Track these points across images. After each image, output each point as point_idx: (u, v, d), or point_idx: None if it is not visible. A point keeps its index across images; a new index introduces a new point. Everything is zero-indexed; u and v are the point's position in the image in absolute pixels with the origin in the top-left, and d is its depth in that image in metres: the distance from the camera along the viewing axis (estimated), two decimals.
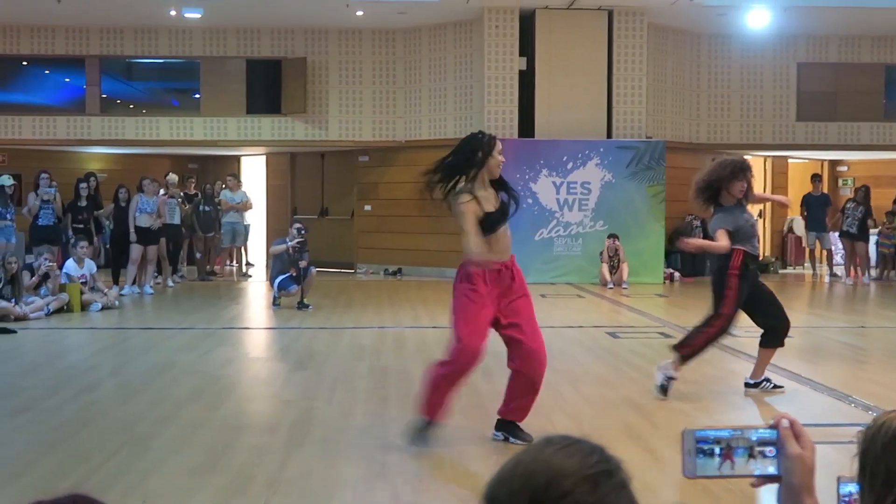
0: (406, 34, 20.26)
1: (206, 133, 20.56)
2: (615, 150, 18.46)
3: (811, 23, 19.84)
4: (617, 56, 18.79)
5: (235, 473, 5.70)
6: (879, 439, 2.54)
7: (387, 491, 5.42)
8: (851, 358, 10.24)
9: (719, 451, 1.73)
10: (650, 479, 5.38)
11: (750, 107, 20.99)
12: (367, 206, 20.99)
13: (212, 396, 7.96)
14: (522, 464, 1.52)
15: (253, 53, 20.55)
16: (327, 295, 15.59)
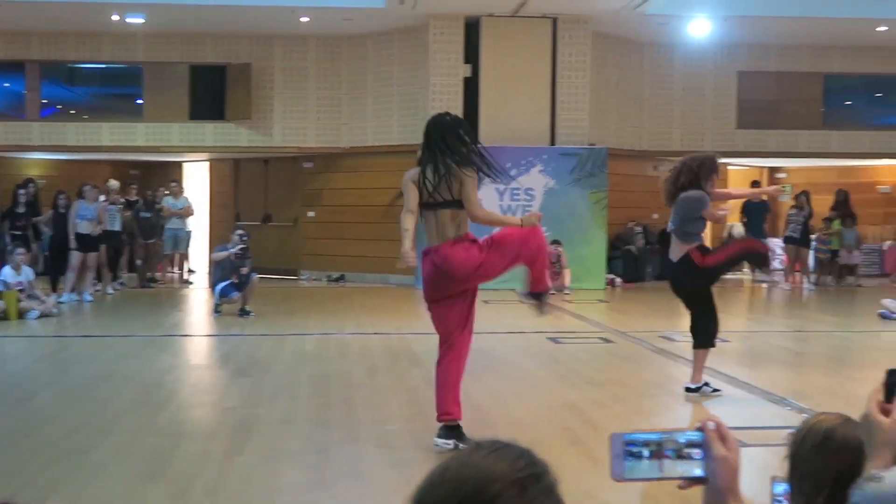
0: (351, 41, 20.23)
1: (148, 139, 20.37)
2: (558, 157, 18.57)
3: (751, 32, 20.12)
4: (561, 64, 18.92)
5: (175, 481, 5.65)
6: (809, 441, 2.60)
7: (328, 499, 5.41)
8: (789, 362, 10.40)
9: (648, 453, 1.75)
10: (590, 483, 5.42)
11: (691, 114, 21.23)
12: (311, 213, 20.92)
13: (152, 404, 7.88)
14: (451, 469, 1.53)
15: (197, 59, 20.39)
16: (270, 302, 15.51)
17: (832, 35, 20.31)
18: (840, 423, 2.60)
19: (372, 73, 20.04)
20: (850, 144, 21.58)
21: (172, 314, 15.09)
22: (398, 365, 9.83)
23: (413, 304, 16.28)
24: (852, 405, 7.06)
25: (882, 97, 22.69)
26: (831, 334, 12.80)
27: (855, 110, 22.76)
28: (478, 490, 1.48)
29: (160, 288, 18.82)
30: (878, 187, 23.14)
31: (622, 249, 19.76)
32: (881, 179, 23.20)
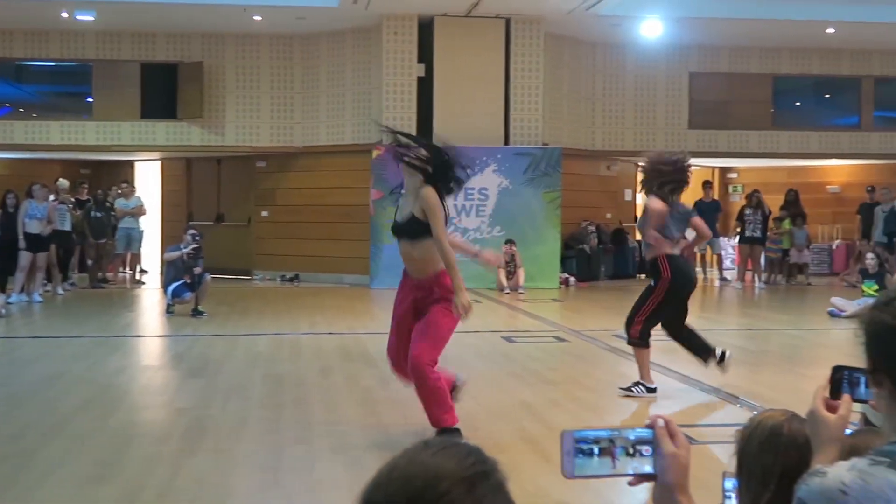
0: (304, 40, 20.15)
1: (98, 138, 20.15)
2: (512, 157, 18.63)
3: (702, 34, 20.31)
4: (514, 64, 18.97)
5: (125, 484, 5.59)
6: (756, 438, 2.62)
7: (281, 500, 5.38)
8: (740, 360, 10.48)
9: (598, 450, 1.76)
10: (543, 481, 5.43)
11: (644, 115, 21.38)
12: (265, 212, 20.81)
13: (102, 406, 7.80)
14: (399, 467, 1.52)
15: (148, 57, 20.20)
16: (223, 302, 15.40)
17: (782, 37, 20.55)
18: (786, 420, 2.62)
19: (325, 73, 19.97)
20: (799, 145, 21.86)
21: (124, 315, 14.94)
22: (352, 365, 9.80)
23: (367, 303, 16.26)
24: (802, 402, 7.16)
25: (830, 98, 23.00)
26: (782, 332, 12.95)
27: (804, 111, 23.05)
28: (426, 487, 1.48)
29: (111, 288, 18.62)
30: (827, 187, 23.45)
31: (576, 249, 19.85)
32: (830, 179, 23.52)
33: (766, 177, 23.39)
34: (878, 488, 1.71)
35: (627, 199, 22.41)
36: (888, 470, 1.72)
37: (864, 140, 22.03)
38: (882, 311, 1.82)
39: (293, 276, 19.92)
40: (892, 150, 22.02)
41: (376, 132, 18.79)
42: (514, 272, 17.83)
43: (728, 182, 24.59)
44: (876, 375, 1.83)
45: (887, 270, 15.76)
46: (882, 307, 1.83)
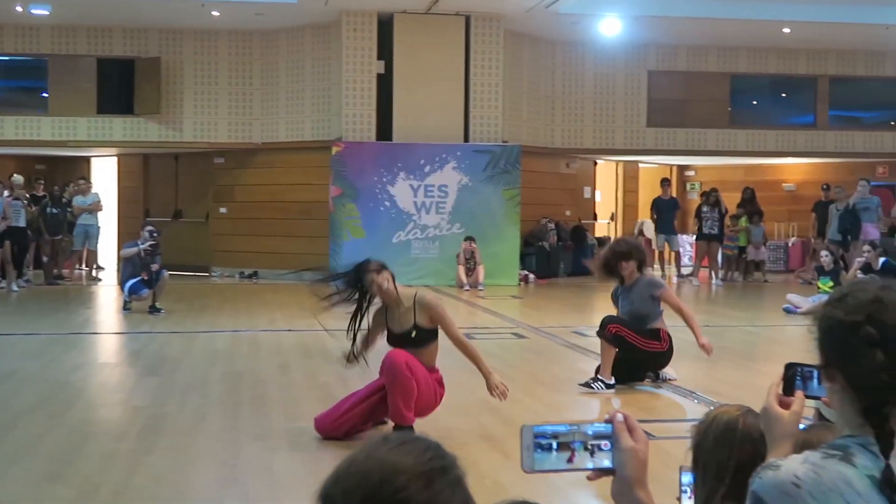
0: (263, 36, 20.04)
1: (54, 133, 19.92)
2: (472, 154, 18.65)
3: (661, 32, 20.44)
4: (474, 61, 18.99)
5: (81, 482, 5.53)
6: (711, 433, 2.64)
7: (238, 497, 5.35)
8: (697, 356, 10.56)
9: (556, 445, 1.77)
10: (502, 477, 5.45)
11: (603, 113, 21.48)
12: (223, 209, 20.67)
13: (57, 404, 7.71)
14: (357, 462, 1.52)
15: (104, 52, 20.00)
16: (181, 298, 15.29)
17: (739, 36, 20.73)
18: (741, 415, 2.65)
19: (284, 69, 19.88)
20: (755, 143, 22.07)
21: (80, 311, 14.79)
22: (311, 362, 9.77)
23: None
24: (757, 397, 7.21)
25: (787, 97, 23.23)
26: (738, 328, 13.06)
27: (761, 110, 23.27)
28: (383, 483, 1.48)
29: (67, 285, 18.43)
30: (783, 185, 23.69)
31: (535, 246, 19.92)
32: (786, 177, 23.76)
33: (723, 175, 23.59)
34: (830, 481, 1.73)
35: (587, 196, 22.52)
36: (840, 463, 1.74)
37: (819, 139, 22.27)
38: (834, 308, 1.84)
39: (252, 273, 19.82)
40: (846, 149, 22.30)
41: (336, 128, 18.76)
42: (473, 269, 17.85)
43: (686, 180, 24.77)
44: (828, 371, 1.85)
45: (842, 268, 15.95)
46: (835, 303, 1.85)
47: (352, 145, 18.35)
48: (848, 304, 1.83)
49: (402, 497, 1.48)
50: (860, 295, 1.83)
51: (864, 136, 22.50)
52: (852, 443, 1.78)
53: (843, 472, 1.73)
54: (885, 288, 1.85)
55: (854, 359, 1.79)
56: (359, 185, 18.33)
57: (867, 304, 1.81)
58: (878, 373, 1.77)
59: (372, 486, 1.49)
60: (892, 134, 22.59)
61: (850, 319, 1.80)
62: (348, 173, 18.34)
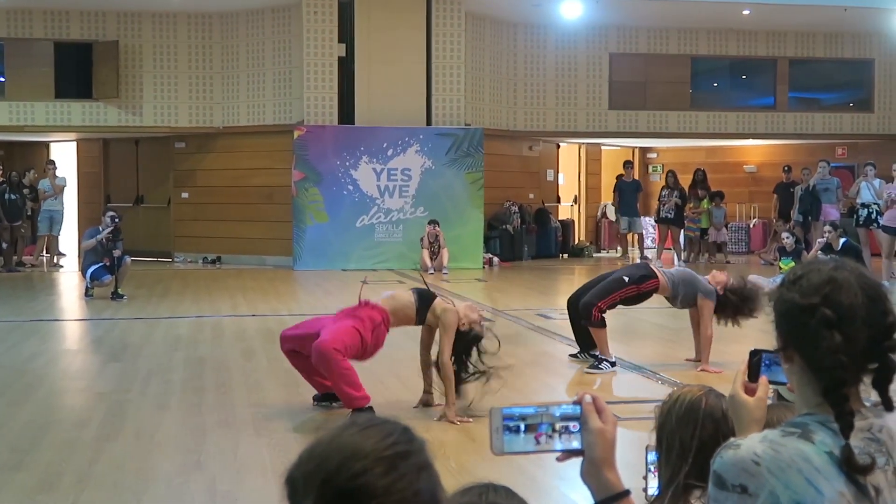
0: (223, 18, 19.87)
1: (11, 118, 19.65)
2: (434, 137, 18.62)
3: (622, 15, 20.48)
4: (436, 44, 18.95)
5: (42, 470, 5.49)
6: (674, 413, 2.67)
7: (202, 483, 5.32)
8: (660, 337, 10.65)
9: (524, 427, 1.77)
10: (466, 459, 5.46)
11: (565, 95, 21.51)
12: (185, 194, 20.52)
13: (17, 392, 7.63)
14: (320, 445, 1.52)
15: (61, 36, 19.74)
16: (143, 284, 15.18)
17: (699, 18, 20.83)
18: (703, 395, 2.68)
19: (244, 52, 19.73)
20: (716, 125, 22.20)
21: (41, 298, 14.64)
22: (275, 347, 9.66)
23: (290, 285, 16.15)
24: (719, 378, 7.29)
25: (746, 79, 23.36)
26: None
27: (721, 92, 23.40)
28: (341, 467, 1.48)
29: (28, 272, 18.23)
30: (743, 167, 23.85)
31: (499, 229, 19.93)
32: (747, 159, 23.92)
33: (684, 157, 23.72)
34: (788, 457, 1.75)
35: (549, 179, 22.55)
36: (798, 440, 1.76)
37: (779, 120, 22.44)
38: (790, 290, 1.85)
39: (215, 259, 19.70)
40: (806, 131, 22.47)
41: (298, 112, 18.66)
42: (437, 253, 17.84)
43: (648, 162, 24.87)
44: (787, 352, 1.87)
45: (804, 248, 16.09)
46: (790, 286, 1.86)
47: (314, 129, 18.26)
48: (803, 286, 1.83)
49: (362, 482, 1.47)
50: (814, 276, 1.84)
51: (822, 117, 22.69)
52: (811, 420, 1.80)
53: (801, 449, 1.75)
54: (838, 268, 1.85)
55: (812, 340, 1.80)
56: (321, 170, 18.25)
57: (822, 286, 1.82)
58: (836, 353, 1.78)
59: (330, 470, 1.48)
60: (851, 115, 22.80)
61: (806, 302, 1.81)
62: (310, 157, 18.25)
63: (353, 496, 1.47)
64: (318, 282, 16.16)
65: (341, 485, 1.47)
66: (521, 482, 5.11)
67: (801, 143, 22.75)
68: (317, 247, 18.17)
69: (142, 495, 5.12)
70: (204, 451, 5.94)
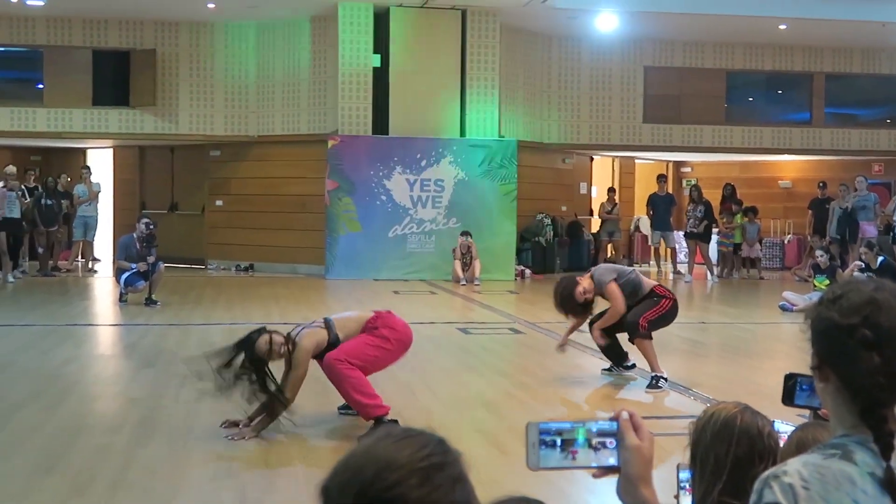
0: (259, 28, 20.00)
1: (49, 125, 19.87)
2: (468, 149, 18.63)
3: (657, 28, 20.42)
4: (470, 56, 18.97)
5: (75, 475, 5.52)
6: (709, 429, 2.65)
7: (233, 490, 5.34)
8: (692, 352, 10.59)
9: (561, 442, 1.76)
10: (497, 473, 5.44)
11: (599, 108, 21.47)
12: (219, 202, 20.65)
13: (51, 396, 7.69)
14: (355, 456, 1.52)
15: (100, 44, 19.94)
16: (176, 291, 15.27)
17: (735, 32, 20.73)
18: (739, 411, 2.66)
19: (280, 62, 19.84)
20: (751, 140, 22.08)
21: (75, 303, 14.76)
22: None
23: (322, 293, 16.20)
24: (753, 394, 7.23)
25: (782, 94, 23.24)
26: (734, 325, 13.07)
27: (756, 106, 23.28)
28: (376, 477, 1.47)
29: (63, 276, 18.40)
30: (778, 182, 23.70)
31: (531, 241, 19.91)
32: (782, 175, 23.77)
33: (718, 171, 23.60)
34: (834, 480, 1.72)
35: (583, 192, 22.51)
36: (841, 462, 1.74)
37: (815, 136, 22.28)
38: (829, 309, 1.83)
39: (248, 266, 19.80)
40: (842, 147, 22.32)
41: (332, 122, 18.73)
42: (469, 264, 17.84)
43: (682, 176, 24.77)
44: (822, 371, 1.84)
45: (838, 266, 15.96)
46: (829, 304, 1.84)
47: (348, 139, 18.32)
48: (843, 305, 1.81)
49: (396, 493, 1.47)
50: (854, 296, 1.82)
51: (859, 133, 22.52)
52: (849, 441, 1.77)
53: (845, 471, 1.73)
54: (878, 289, 1.83)
55: (850, 361, 1.78)
56: (355, 179, 18.31)
57: (862, 306, 1.80)
58: (875, 375, 1.76)
59: (365, 481, 1.48)
60: (888, 131, 22.62)
61: (845, 322, 1.79)
62: (344, 167, 18.31)
63: None
64: (350, 291, 16.20)
65: (376, 495, 1.47)
66: (552, 496, 5.09)
67: (837, 159, 22.58)
68: (349, 256, 18.22)
69: (172, 501, 5.14)
70: (235, 458, 5.95)
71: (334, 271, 18.18)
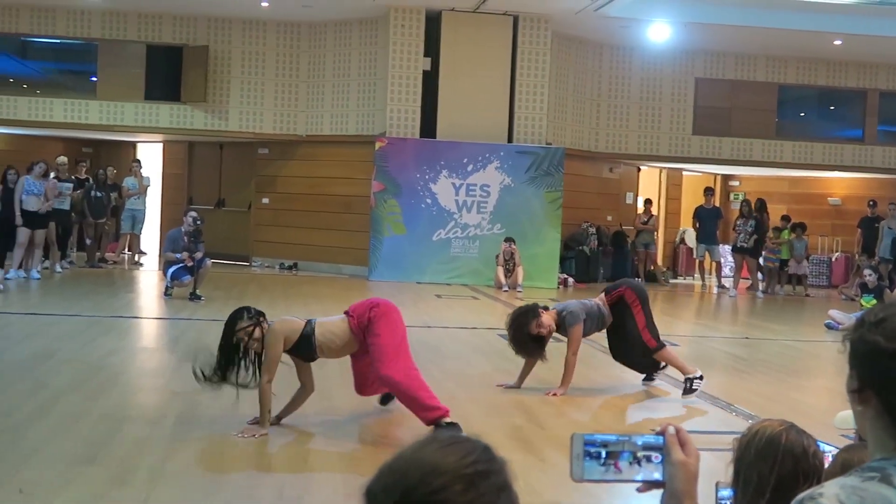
0: (311, 28, 20.12)
1: (101, 117, 20.10)
2: (515, 155, 18.61)
3: (710, 39, 20.29)
4: (520, 62, 18.95)
5: (116, 465, 5.57)
6: (753, 447, 2.62)
7: (271, 488, 5.35)
8: (735, 368, 10.49)
9: (605, 455, 1.75)
10: (535, 481, 5.42)
11: (648, 118, 21.37)
12: (265, 199, 20.78)
13: (94, 386, 7.76)
14: (401, 459, 1.51)
15: (154, 39, 20.16)
16: (220, 287, 15.38)
17: (789, 46, 20.54)
18: (784, 430, 2.63)
19: (330, 62, 19.94)
20: (802, 155, 21.86)
21: (121, 295, 14.91)
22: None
23: (365, 294, 16.22)
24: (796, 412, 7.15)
25: (834, 110, 22.99)
26: (778, 342, 12.92)
27: (808, 122, 23.05)
28: (422, 482, 1.47)
29: (110, 268, 18.59)
30: (828, 199, 23.44)
31: (575, 250, 19.85)
32: (832, 192, 23.51)
33: (767, 186, 23.39)
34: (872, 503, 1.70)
35: (628, 202, 22.40)
36: (880, 485, 1.71)
37: (867, 153, 22.02)
38: (871, 332, 1.78)
39: (292, 265, 19.90)
40: (894, 165, 22.03)
41: (380, 124, 18.79)
42: (512, 270, 17.81)
43: (730, 189, 24.57)
44: (863, 394, 1.80)
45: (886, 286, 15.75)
46: (871, 327, 1.79)
47: (395, 141, 18.37)
48: (887, 329, 1.77)
49: (440, 498, 1.46)
50: None
51: None
52: (889, 464, 1.75)
53: (884, 494, 1.70)
54: None
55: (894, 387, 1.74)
56: (401, 182, 18.35)
57: None
58: None
59: (410, 485, 1.48)
60: None
61: (891, 347, 1.76)
62: (391, 169, 18.36)
63: None
64: (392, 293, 16.21)
65: (420, 500, 1.46)
66: None
67: (889, 178, 22.29)
68: (392, 258, 18.26)
69: (211, 496, 5.17)
70: (274, 455, 5.98)
71: (377, 273, 18.23)
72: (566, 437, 1.79)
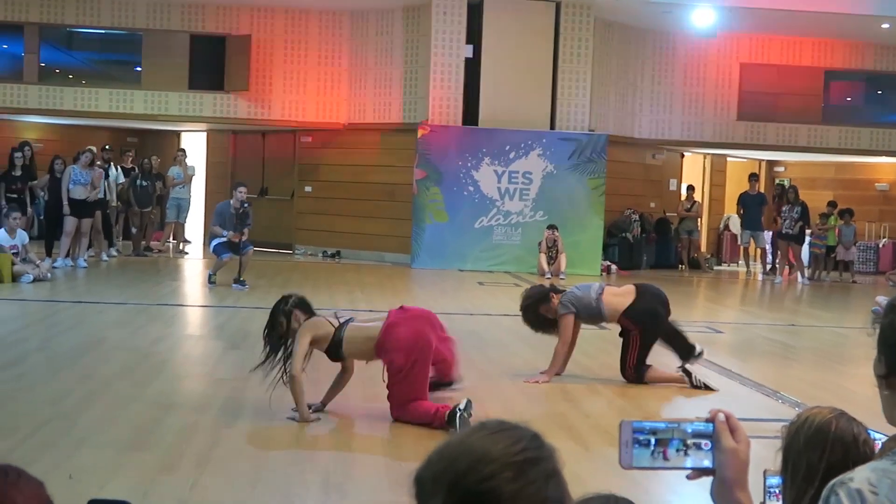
0: (353, 16, 20.14)
1: (146, 107, 20.27)
2: (557, 142, 18.54)
3: (755, 24, 20.07)
4: (563, 49, 18.86)
5: (164, 451, 5.63)
6: (802, 434, 2.59)
7: (316, 474, 5.39)
8: (780, 355, 10.41)
9: (654, 442, 1.74)
10: (580, 468, 5.41)
11: (692, 104, 21.19)
12: (308, 188, 20.87)
13: (142, 373, 7.85)
14: (450, 446, 1.52)
15: (197, 28, 20.29)
16: (263, 275, 15.48)
17: (835, 30, 20.27)
18: (834, 417, 2.60)
19: (373, 50, 19.95)
20: (848, 140, 21.58)
21: (166, 283, 15.05)
22: None
23: (407, 282, 16.28)
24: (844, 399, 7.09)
25: (882, 94, 22.67)
26: (825, 329, 12.80)
27: (855, 107, 22.75)
28: (470, 469, 1.47)
29: (155, 257, 18.77)
30: (875, 185, 23.14)
31: (618, 237, 19.76)
32: (879, 177, 23.21)
33: (813, 172, 23.13)
34: None
35: (672, 188, 22.25)
36: None
37: None
38: None
39: (335, 253, 19.98)
40: None
41: (422, 111, 18.78)
42: (555, 258, 17.77)
43: (775, 175, 24.32)
44: (890, 378, 1.79)
45: None
46: None
47: (437, 129, 18.36)
48: None
49: (490, 486, 1.47)
50: None
51: None
52: None
53: None
54: None
55: None
56: (443, 169, 18.35)
57: None
58: None
59: (459, 472, 1.48)
60: None
61: None
62: (433, 157, 18.36)
63: (481, 499, 1.46)
64: (435, 281, 16.25)
65: (470, 487, 1.47)
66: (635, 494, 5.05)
67: None
68: (435, 246, 18.27)
69: (256, 482, 5.21)
70: (318, 442, 6.01)
71: (420, 261, 18.25)
72: (611, 425, 1.79)
